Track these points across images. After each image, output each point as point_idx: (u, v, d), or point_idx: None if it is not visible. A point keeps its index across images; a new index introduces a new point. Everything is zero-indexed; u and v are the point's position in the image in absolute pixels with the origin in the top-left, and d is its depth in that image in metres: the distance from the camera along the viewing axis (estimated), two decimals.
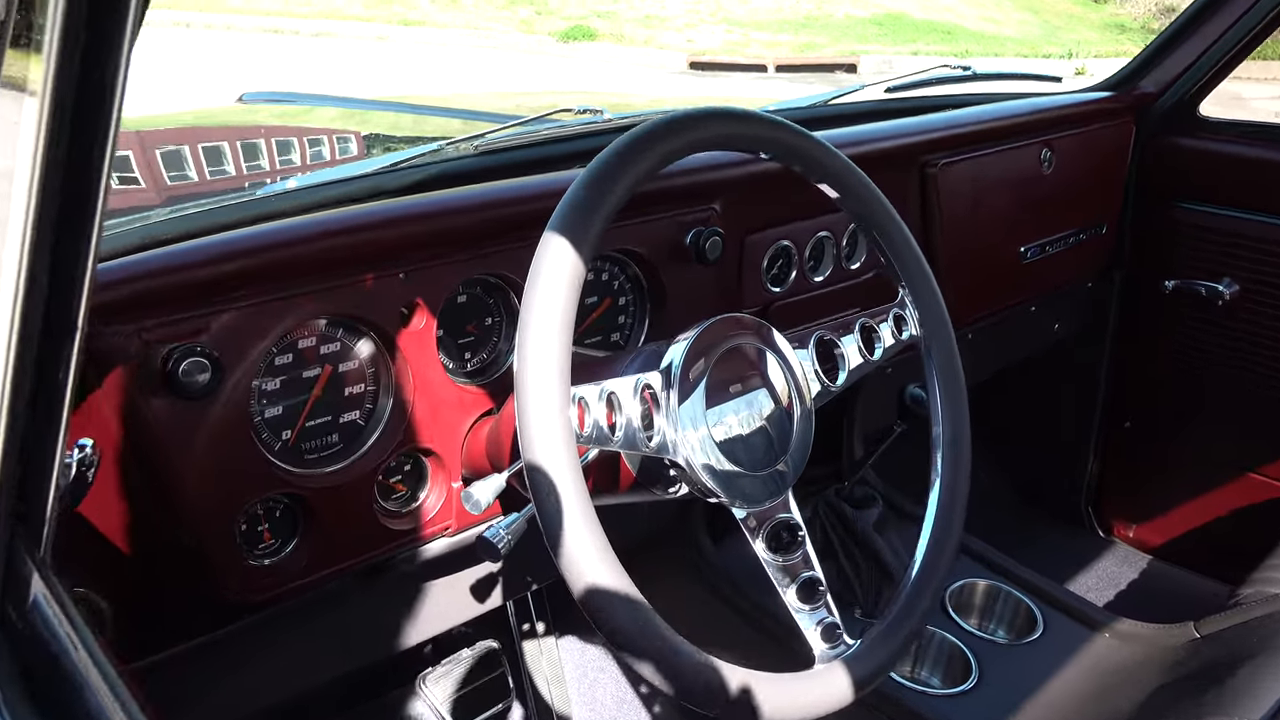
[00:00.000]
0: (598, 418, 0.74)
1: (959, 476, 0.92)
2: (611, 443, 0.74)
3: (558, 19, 11.85)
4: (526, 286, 0.69)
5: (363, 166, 1.13)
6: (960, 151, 1.53)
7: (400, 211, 0.95)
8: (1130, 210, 1.97)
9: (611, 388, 0.74)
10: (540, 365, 0.66)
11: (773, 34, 11.20)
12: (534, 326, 0.67)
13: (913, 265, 0.93)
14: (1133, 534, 2.22)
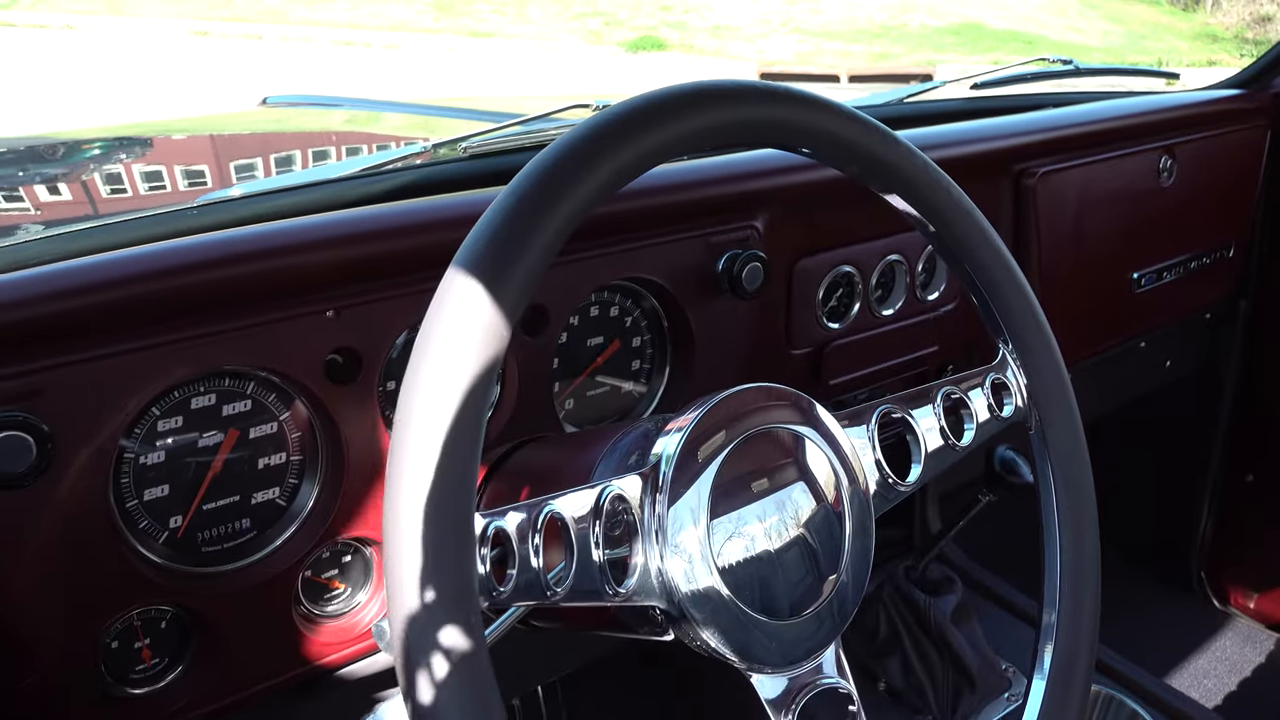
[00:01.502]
0: (528, 560, 0.48)
1: (1082, 635, 0.66)
2: (549, 598, 0.49)
3: (627, 29, 11.72)
4: (410, 366, 0.45)
5: (325, 172, 0.92)
6: (1064, 158, 1.26)
7: (327, 230, 0.73)
8: (1262, 229, 1.68)
9: (557, 508, 0.49)
10: (420, 496, 0.41)
11: (845, 44, 10.91)
12: (414, 433, 0.42)
13: (1021, 314, 0.67)
14: (1254, 606, 1.91)
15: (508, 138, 1.03)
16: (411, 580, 0.40)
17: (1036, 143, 1.24)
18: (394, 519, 0.41)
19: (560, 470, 0.65)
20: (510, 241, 0.45)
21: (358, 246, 0.73)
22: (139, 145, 1.46)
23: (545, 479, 0.65)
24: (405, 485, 0.41)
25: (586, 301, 0.89)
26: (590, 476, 0.58)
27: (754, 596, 0.53)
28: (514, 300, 0.45)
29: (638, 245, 0.86)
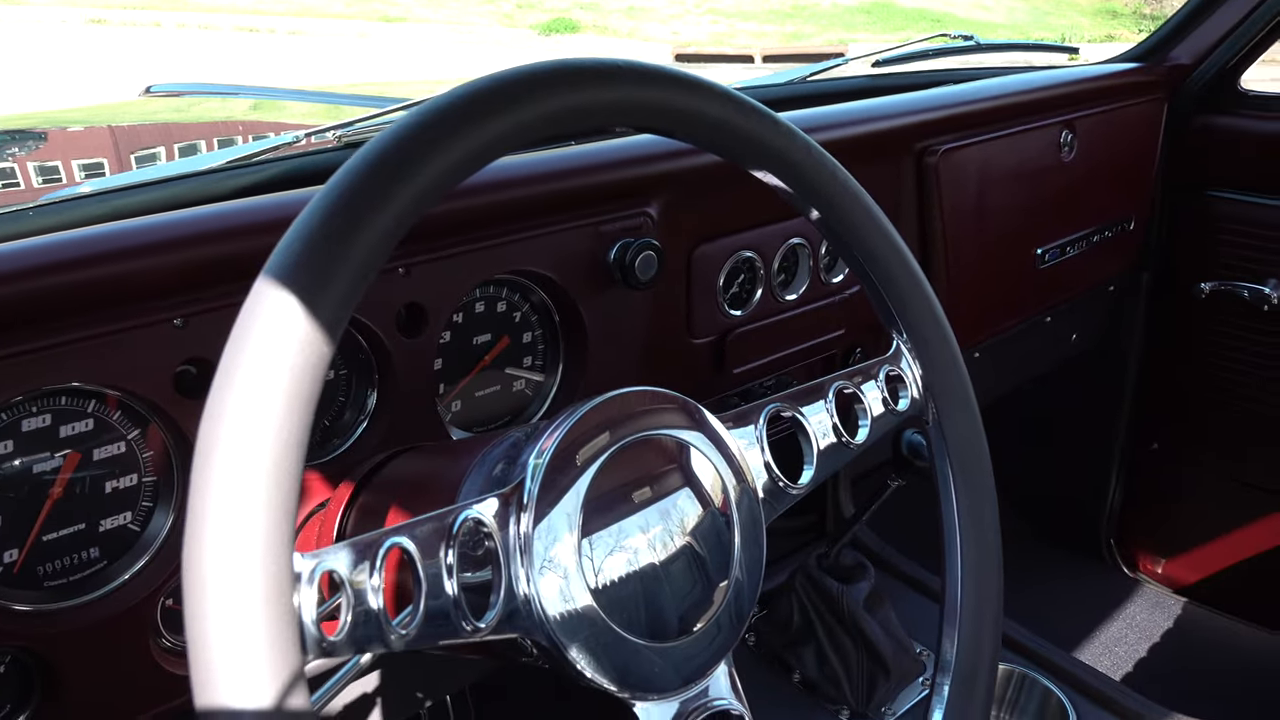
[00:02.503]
0: (364, 603, 0.42)
1: (984, 635, 0.64)
2: (394, 644, 0.43)
3: (540, 12, 11.57)
4: (211, 394, 0.39)
5: (187, 166, 0.85)
6: (966, 135, 1.25)
7: (175, 229, 0.67)
8: (1161, 202, 1.69)
9: (400, 541, 0.44)
10: (222, 544, 0.36)
11: (759, 24, 10.93)
12: (215, 471, 0.36)
13: (915, 303, 0.64)
14: (1161, 570, 1.95)
15: (388, 123, 0.97)
16: (216, 643, 0.35)
17: (938, 120, 1.22)
18: (192, 572, 0.36)
19: (428, 485, 0.60)
20: (329, 243, 0.40)
21: (208, 246, 0.67)
22: None
23: (413, 495, 0.60)
24: (201, 534, 0.36)
25: (470, 297, 0.84)
26: (458, 492, 0.54)
27: (637, 616, 0.49)
28: (334, 312, 0.40)
29: (523, 236, 0.82)
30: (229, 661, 0.35)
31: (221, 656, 0.35)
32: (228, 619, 0.35)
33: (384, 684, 0.86)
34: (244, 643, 0.35)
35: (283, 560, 0.36)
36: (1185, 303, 1.74)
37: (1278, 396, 1.70)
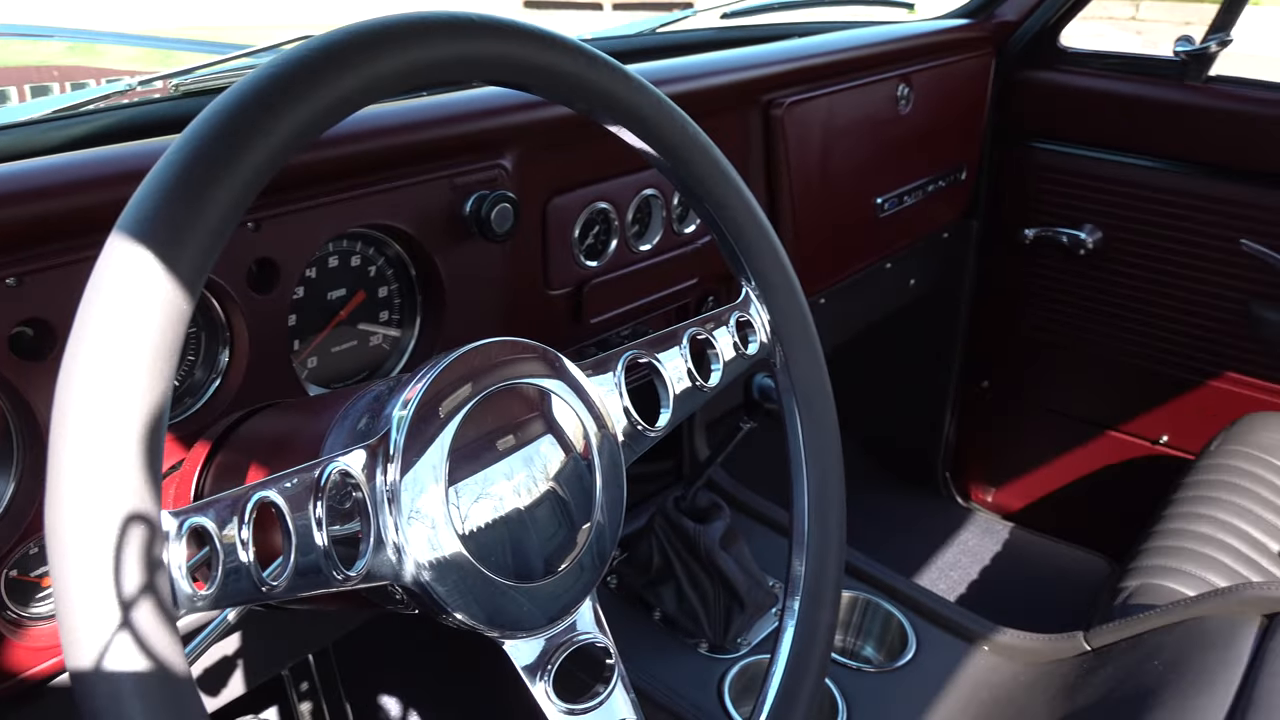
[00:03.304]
0: (234, 556, 0.43)
1: (829, 556, 0.68)
2: (266, 594, 0.44)
3: None
4: (66, 353, 0.38)
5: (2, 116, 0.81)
6: (809, 88, 1.29)
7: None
8: (989, 153, 1.79)
9: (268, 495, 0.44)
10: (85, 505, 0.35)
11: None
12: (73, 431, 0.36)
13: (762, 252, 0.67)
14: (991, 499, 2.10)
15: (229, 72, 0.94)
16: (85, 601, 0.35)
17: (783, 73, 1.26)
18: (57, 535, 0.35)
19: (290, 441, 0.59)
20: (187, 197, 0.40)
21: (42, 202, 0.64)
22: None
23: (274, 451, 0.60)
24: (65, 495, 0.35)
25: (323, 252, 0.83)
26: (321, 446, 0.54)
27: (503, 559, 0.51)
28: (193, 268, 0.39)
29: (376, 189, 0.81)
30: (101, 622, 0.35)
31: (93, 618, 0.35)
32: (98, 580, 0.35)
33: (246, 643, 0.85)
34: (116, 602, 0.35)
35: (151, 518, 0.36)
36: (1011, 248, 1.86)
37: (1092, 334, 1.84)
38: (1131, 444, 1.86)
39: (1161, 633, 1.08)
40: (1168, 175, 1.68)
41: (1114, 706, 1.00)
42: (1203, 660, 0.97)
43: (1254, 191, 1.59)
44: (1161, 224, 1.69)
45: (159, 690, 0.35)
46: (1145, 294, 1.75)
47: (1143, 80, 1.69)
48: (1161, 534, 1.33)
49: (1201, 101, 1.63)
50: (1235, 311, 1.66)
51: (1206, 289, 1.68)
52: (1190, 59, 1.62)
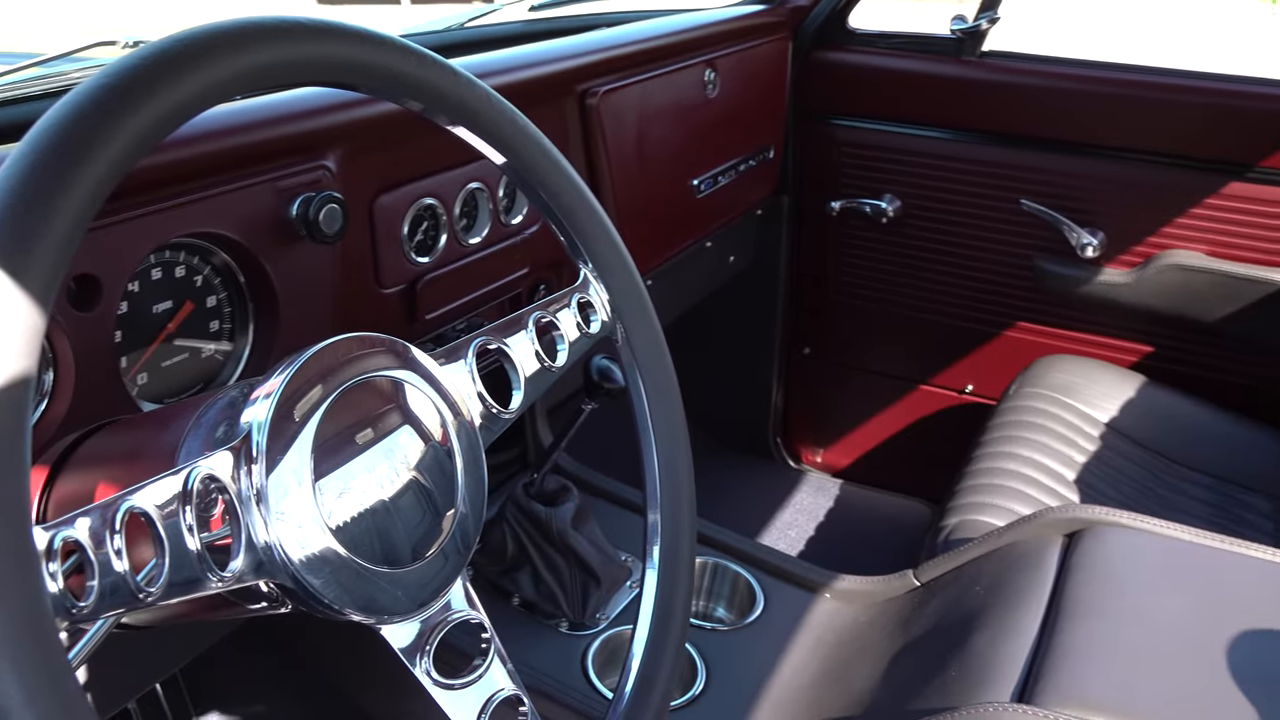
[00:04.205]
0: (109, 565, 0.43)
1: (681, 516, 0.72)
2: (143, 600, 0.44)
3: None
4: None
5: None
6: (622, 76, 1.33)
7: None
8: (793, 131, 1.89)
9: (137, 503, 0.45)
10: None
11: None
12: None
13: (596, 235, 0.70)
14: (820, 459, 2.21)
15: (20, 83, 0.89)
16: None
17: (597, 62, 1.29)
18: None
19: (140, 455, 0.58)
20: (32, 212, 0.39)
21: None
22: None
23: (125, 467, 0.59)
24: None
25: (146, 264, 0.80)
26: (175, 457, 0.53)
27: (373, 549, 0.52)
28: (45, 280, 0.39)
29: (197, 197, 0.79)
30: None
31: None
32: None
33: (93, 675, 0.82)
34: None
35: (24, 534, 0.36)
36: (820, 221, 1.96)
37: (899, 296, 1.97)
38: (941, 395, 2.01)
39: (980, 561, 1.18)
40: (953, 144, 1.81)
41: (945, 631, 1.09)
42: (1017, 580, 1.08)
43: (1029, 156, 1.74)
44: (951, 190, 1.83)
45: (49, 703, 0.35)
46: (942, 256, 1.89)
47: (925, 57, 1.82)
48: (974, 474, 1.45)
49: (978, 75, 1.77)
50: (1022, 266, 1.81)
51: (996, 247, 1.83)
52: (965, 36, 1.76)
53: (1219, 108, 1.60)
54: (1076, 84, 1.70)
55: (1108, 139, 1.68)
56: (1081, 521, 1.13)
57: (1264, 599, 0.97)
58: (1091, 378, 1.64)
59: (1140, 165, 1.67)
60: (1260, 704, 0.84)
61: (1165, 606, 0.97)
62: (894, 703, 1.00)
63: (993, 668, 0.95)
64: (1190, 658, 0.90)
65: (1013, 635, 0.99)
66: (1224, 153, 1.60)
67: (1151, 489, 1.44)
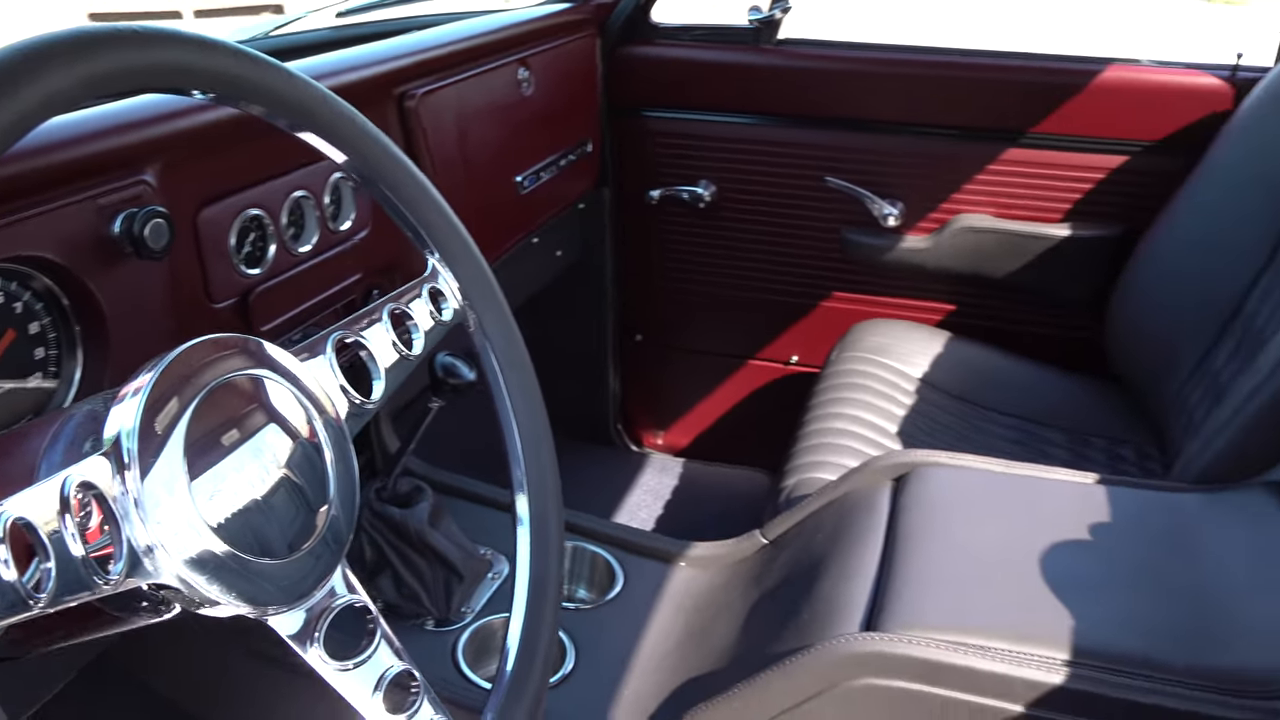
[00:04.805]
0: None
1: (549, 498, 0.75)
2: (34, 607, 0.44)
3: None
4: None
5: None
6: (439, 78, 1.34)
7: None
8: (608, 125, 1.94)
9: (15, 512, 0.44)
10: None
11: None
12: None
13: (441, 225, 0.72)
14: (661, 441, 2.28)
15: None
16: None
17: (413, 65, 1.30)
18: None
19: None
20: None
21: None
22: None
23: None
24: None
25: None
26: (34, 476, 0.52)
27: (252, 545, 0.53)
28: None
29: (12, 220, 0.76)
30: None
31: None
32: None
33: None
34: None
35: None
36: (641, 210, 2.03)
37: (721, 277, 2.06)
38: (769, 368, 2.11)
39: (819, 513, 1.26)
40: (759, 129, 1.91)
41: (795, 580, 1.16)
42: (854, 525, 1.16)
43: (830, 135, 1.86)
44: (761, 173, 1.93)
45: None
46: (759, 235, 1.98)
47: (726, 47, 1.91)
48: (805, 437, 1.54)
49: (776, 62, 1.87)
50: (832, 240, 1.93)
51: (806, 224, 1.94)
52: (762, 25, 1.86)
53: (995, 81, 1.76)
54: (866, 66, 1.82)
55: (899, 115, 1.81)
56: (906, 465, 1.23)
57: (1066, 513, 1.09)
58: (903, 338, 1.77)
59: (930, 138, 1.81)
60: (1072, 604, 0.95)
61: (985, 530, 1.07)
62: (755, 651, 1.06)
63: (840, 605, 1.02)
64: (1010, 572, 1.00)
65: (855, 574, 1.07)
66: (1002, 122, 1.76)
67: (964, 432, 1.57)
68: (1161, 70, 1.70)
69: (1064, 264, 1.78)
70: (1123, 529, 1.08)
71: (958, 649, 0.91)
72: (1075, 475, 1.19)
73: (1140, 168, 1.71)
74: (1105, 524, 1.09)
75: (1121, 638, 0.92)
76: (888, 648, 0.92)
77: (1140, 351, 1.63)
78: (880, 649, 0.92)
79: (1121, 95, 1.70)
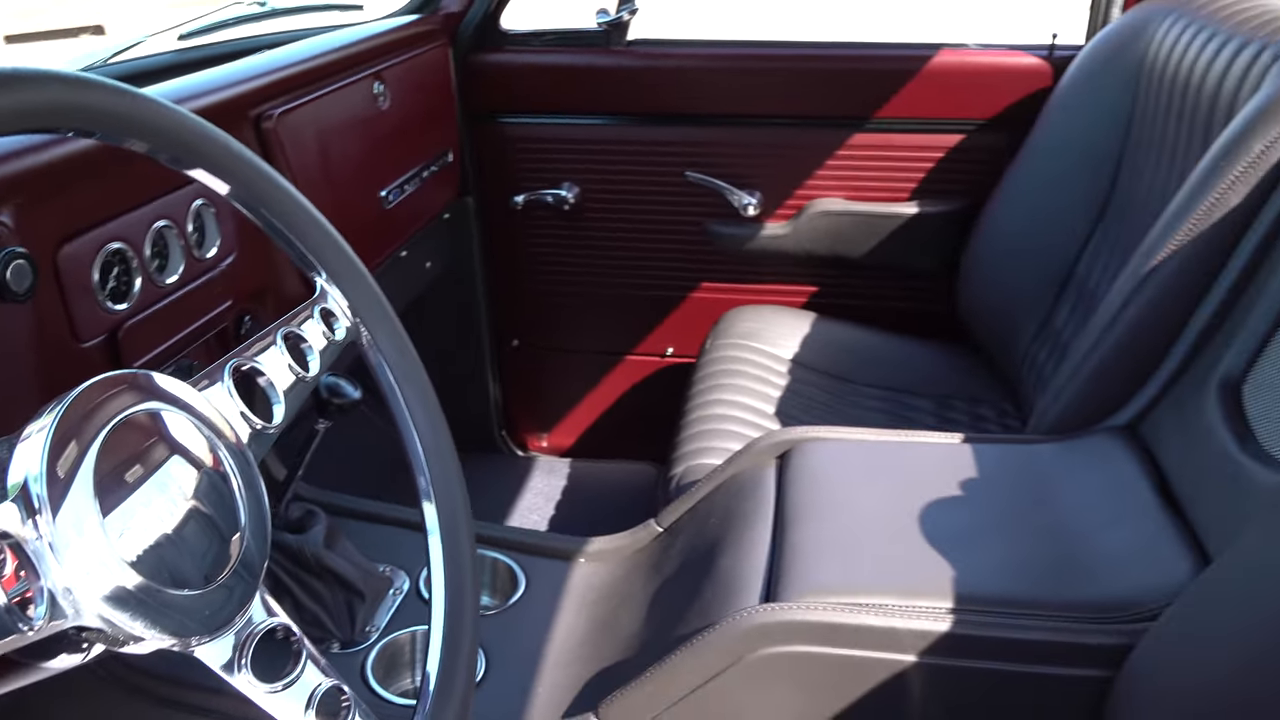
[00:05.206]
0: None
1: (457, 505, 0.77)
2: None
3: None
4: None
5: None
6: (294, 97, 1.33)
7: None
8: (467, 133, 1.95)
9: None
10: None
11: None
12: None
13: (325, 245, 0.73)
14: (546, 444, 2.30)
15: None
16: None
17: (268, 85, 1.28)
18: None
19: None
20: None
21: None
22: None
23: None
24: None
25: None
26: None
27: (169, 578, 0.53)
28: None
29: None
30: None
31: None
32: None
33: None
34: None
35: None
36: (507, 216, 2.04)
37: (591, 276, 2.09)
38: (646, 362, 2.15)
39: (710, 496, 1.31)
40: (617, 129, 1.95)
41: (693, 563, 1.20)
42: (744, 504, 1.21)
43: (686, 131, 1.91)
44: (623, 172, 1.96)
45: None
46: (625, 233, 2.02)
47: (576, 51, 1.94)
48: (688, 425, 1.59)
49: (627, 63, 1.91)
50: (696, 232, 1.98)
51: (672, 218, 1.99)
52: (610, 28, 1.89)
53: (837, 71, 1.84)
54: (715, 63, 1.88)
55: (751, 109, 1.88)
56: (788, 443, 1.29)
57: (937, 473, 1.17)
58: (772, 322, 1.83)
59: (782, 129, 1.88)
60: (949, 556, 1.02)
61: (866, 496, 1.13)
62: (661, 636, 1.10)
63: (739, 581, 1.07)
64: (892, 532, 1.07)
65: (750, 550, 1.11)
66: (847, 109, 1.84)
67: (837, 407, 1.64)
68: (986, 52, 1.82)
69: (915, 239, 1.89)
70: (988, 482, 1.16)
71: (852, 609, 0.96)
72: (942, 437, 1.27)
73: (976, 145, 1.82)
74: (973, 479, 1.17)
75: (996, 581, 0.99)
76: (787, 616, 0.97)
77: (989, 317, 1.74)
78: (780, 618, 0.97)
79: (953, 78, 1.81)
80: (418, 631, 1.23)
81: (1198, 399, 1.10)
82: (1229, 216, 1.12)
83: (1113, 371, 1.25)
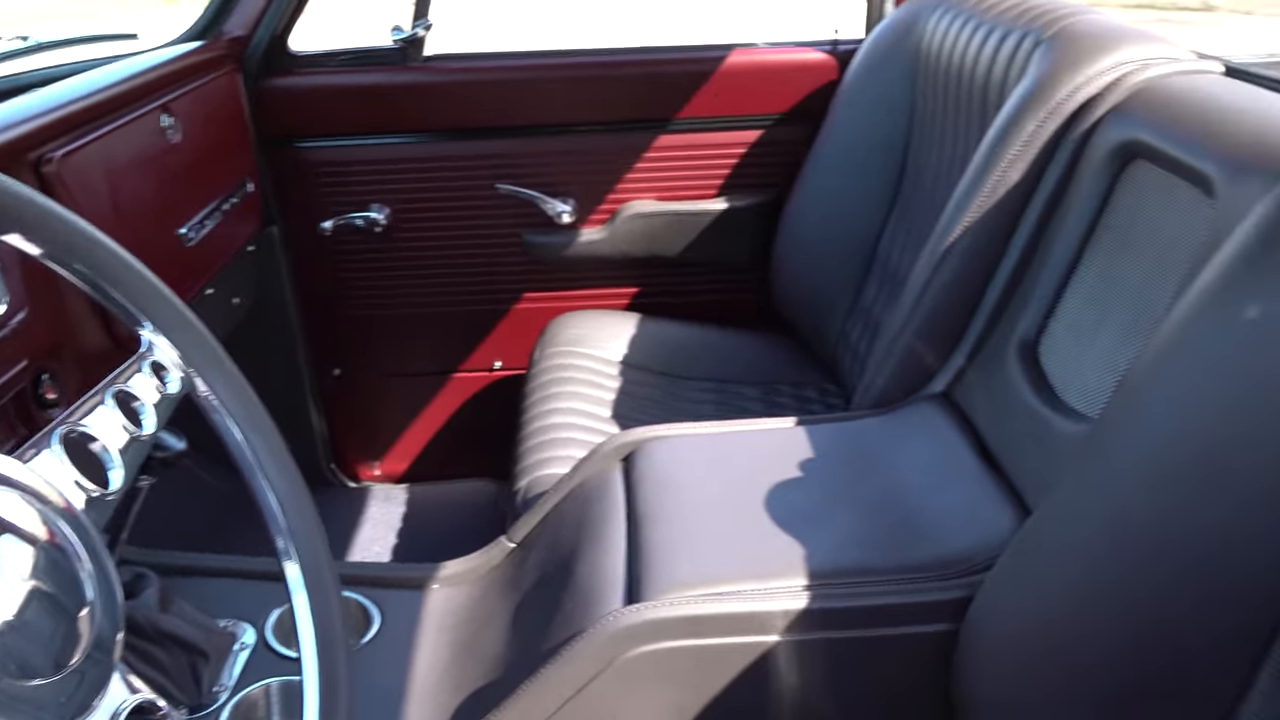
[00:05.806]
0: None
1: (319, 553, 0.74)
2: None
3: None
4: None
5: None
6: (77, 135, 1.24)
7: None
8: (265, 161, 1.87)
9: None
10: None
11: None
12: None
13: (149, 296, 0.69)
14: (378, 472, 2.24)
15: None
16: None
17: (46, 125, 1.20)
18: None
19: None
20: None
21: None
22: None
23: None
24: None
25: None
26: None
27: (16, 670, 0.49)
28: None
29: None
30: None
31: None
32: None
33: None
34: None
35: None
36: (315, 243, 1.97)
37: (409, 297, 2.05)
38: (475, 378, 2.13)
39: (560, 506, 1.32)
40: (422, 146, 1.92)
41: (551, 576, 1.21)
42: (595, 510, 1.22)
43: (493, 144, 1.90)
44: (434, 189, 1.94)
45: None
46: (441, 250, 2.00)
47: (372, 70, 1.90)
48: (527, 437, 1.59)
49: (425, 79, 1.89)
50: (514, 244, 1.98)
51: (486, 232, 1.98)
52: (406, 44, 1.86)
53: (637, 76, 1.88)
54: (514, 74, 1.89)
55: (556, 118, 1.89)
56: (629, 445, 1.31)
57: (772, 457, 1.22)
58: (598, 326, 1.86)
59: (589, 135, 1.90)
60: (795, 535, 1.07)
61: (711, 488, 1.17)
62: (528, 652, 1.10)
63: (600, 586, 1.08)
64: (739, 520, 1.11)
65: (607, 555, 1.13)
66: (650, 113, 1.89)
67: (671, 404, 1.68)
68: (775, 50, 1.90)
69: (726, 234, 1.95)
70: (822, 459, 1.22)
71: (713, 599, 0.99)
72: (773, 422, 1.33)
73: (775, 139, 1.90)
74: (808, 459, 1.22)
75: (842, 554, 1.05)
76: (652, 614, 0.99)
77: (803, 302, 1.83)
78: (646, 617, 0.99)
79: (746, 76, 1.88)
80: (272, 684, 1.18)
81: (1001, 362, 1.20)
82: (1010, 194, 1.22)
83: (924, 344, 1.34)
